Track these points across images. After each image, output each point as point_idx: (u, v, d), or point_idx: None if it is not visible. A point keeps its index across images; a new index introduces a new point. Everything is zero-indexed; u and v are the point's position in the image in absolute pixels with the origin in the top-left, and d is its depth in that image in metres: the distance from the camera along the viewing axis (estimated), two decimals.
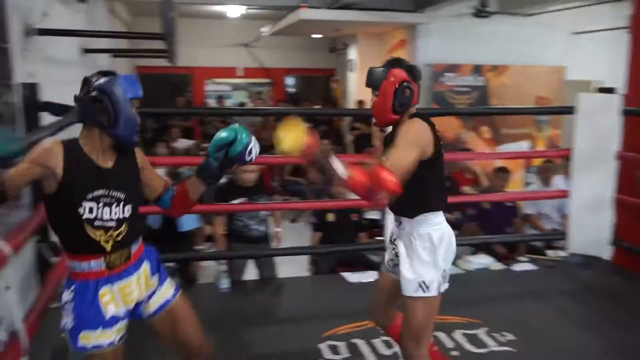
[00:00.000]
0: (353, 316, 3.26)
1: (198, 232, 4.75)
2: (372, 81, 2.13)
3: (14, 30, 3.17)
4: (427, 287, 2.10)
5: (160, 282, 2.00)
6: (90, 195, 1.76)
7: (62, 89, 4.26)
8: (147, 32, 5.11)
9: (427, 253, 2.13)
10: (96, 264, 1.79)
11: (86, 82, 1.79)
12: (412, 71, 2.14)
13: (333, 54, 12.62)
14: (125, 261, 1.85)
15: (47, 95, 3.57)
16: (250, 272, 4.14)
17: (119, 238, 1.82)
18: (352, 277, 4.00)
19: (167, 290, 2.00)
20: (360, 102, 9.60)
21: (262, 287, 3.92)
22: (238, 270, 3.98)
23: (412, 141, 2.03)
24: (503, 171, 5.13)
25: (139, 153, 1.97)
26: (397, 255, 2.23)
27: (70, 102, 3.28)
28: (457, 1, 7.27)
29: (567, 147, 4.34)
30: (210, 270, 4.68)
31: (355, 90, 10.54)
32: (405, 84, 2.09)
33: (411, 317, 2.15)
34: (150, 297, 1.95)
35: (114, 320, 1.81)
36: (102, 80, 1.76)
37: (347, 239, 4.46)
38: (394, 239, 2.29)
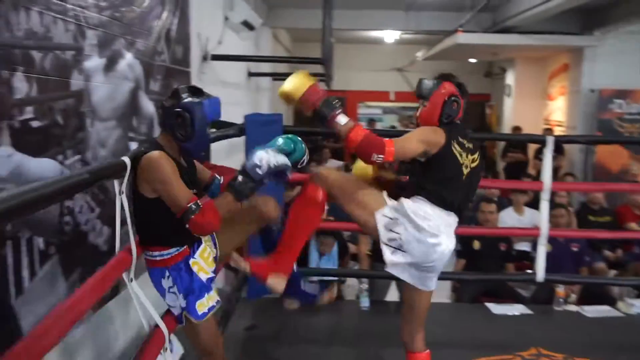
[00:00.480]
0: (496, 349, 3.13)
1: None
2: (422, 91, 2.24)
3: (195, 56, 3.57)
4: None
5: None
6: None
7: (229, 108, 4.70)
8: (307, 57, 5.43)
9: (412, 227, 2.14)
10: (181, 247, 1.97)
11: (175, 94, 1.88)
12: (462, 87, 2.27)
13: (488, 78, 12.28)
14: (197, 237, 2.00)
15: None
16: (393, 294, 4.15)
17: None
18: (496, 308, 3.84)
19: None
20: (517, 128, 9.20)
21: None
22: (380, 290, 4.02)
23: (423, 139, 2.13)
24: None
25: None
26: None
27: (236, 120, 3.63)
28: (632, 22, 6.70)
29: None
30: (353, 289, 4.78)
31: (511, 115, 10.14)
32: (453, 97, 2.19)
33: (414, 306, 2.36)
34: None
35: (210, 281, 2.00)
36: (189, 99, 1.85)
37: (493, 269, 4.29)
38: None
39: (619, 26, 6.99)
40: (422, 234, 2.13)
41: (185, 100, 1.85)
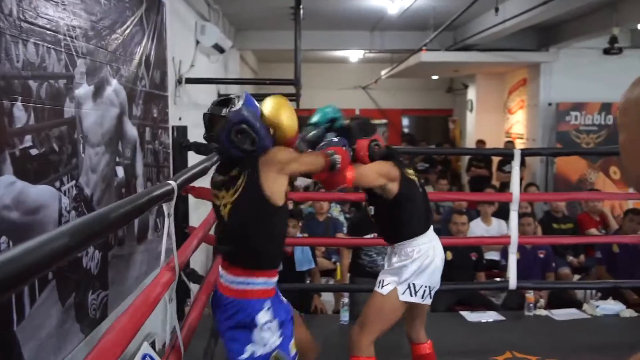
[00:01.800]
0: (473, 355, 3.26)
1: (314, 272, 4.90)
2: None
3: (171, 80, 3.64)
4: (382, 287, 2.42)
5: None
6: None
7: (201, 130, 4.77)
8: (279, 79, 5.55)
9: (397, 261, 2.43)
10: (275, 278, 1.96)
11: (218, 117, 1.87)
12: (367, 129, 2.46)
13: (450, 94, 12.64)
14: None
15: (189, 136, 4.02)
16: None
17: None
18: (470, 316, 3.98)
19: None
20: (481, 142, 9.50)
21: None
22: (361, 304, 4.10)
23: (382, 172, 2.36)
24: (634, 213, 4.86)
25: None
26: None
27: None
28: (585, 38, 7.07)
29: None
30: (331, 305, 4.85)
31: (474, 129, 10.46)
32: (373, 144, 2.39)
33: (366, 306, 2.50)
34: None
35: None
36: (233, 110, 1.85)
37: (465, 278, 4.44)
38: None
39: (572, 42, 7.36)
40: (430, 266, 2.44)
41: (233, 111, 1.84)
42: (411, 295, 2.40)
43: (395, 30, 8.04)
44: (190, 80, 4.39)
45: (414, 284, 2.39)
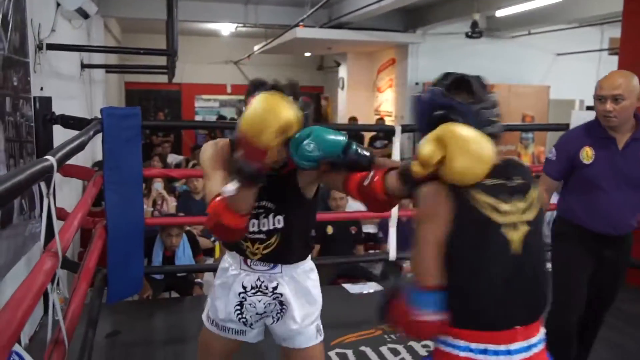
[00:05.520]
0: (359, 326, 3.34)
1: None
2: None
3: (32, 45, 3.25)
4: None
5: None
6: None
7: (65, 102, 4.35)
8: (153, 49, 5.22)
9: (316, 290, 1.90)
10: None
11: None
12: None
13: (321, 71, 12.81)
14: None
15: (54, 108, 3.64)
16: None
17: None
18: (352, 288, 4.09)
19: None
20: (353, 119, 9.77)
21: None
22: None
23: None
24: None
25: None
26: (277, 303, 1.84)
27: (73, 114, 3.38)
28: (448, 22, 7.50)
29: None
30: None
31: (345, 107, 10.72)
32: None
33: None
34: None
35: None
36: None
37: (345, 252, 4.56)
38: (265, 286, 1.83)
39: (438, 25, 7.79)
40: None
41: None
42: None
43: (270, 5, 7.93)
44: (52, 47, 3.96)
45: None
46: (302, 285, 1.85)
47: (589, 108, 8.14)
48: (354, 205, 5.43)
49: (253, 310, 1.84)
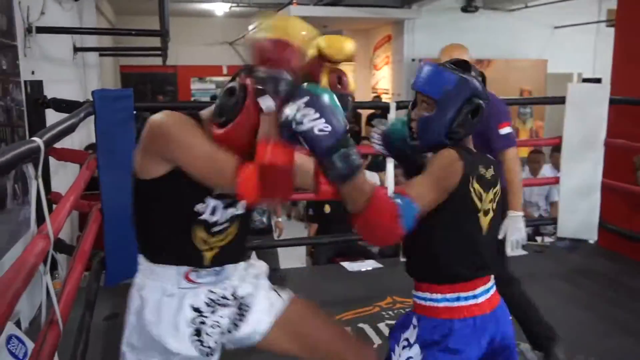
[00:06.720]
0: (357, 303, 3.36)
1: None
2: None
3: (19, 27, 3.21)
4: None
5: None
6: None
7: (58, 86, 4.31)
8: (145, 29, 5.15)
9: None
10: None
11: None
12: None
13: None
14: None
15: (46, 92, 3.61)
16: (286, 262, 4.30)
17: None
18: (351, 266, 4.10)
19: None
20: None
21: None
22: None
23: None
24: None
25: None
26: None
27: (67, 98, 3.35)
28: None
29: (554, 137, 4.50)
30: None
31: None
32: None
33: None
34: None
35: None
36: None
37: (342, 230, 4.55)
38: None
39: (433, 1, 7.70)
40: None
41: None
42: None
43: None
44: (41, 30, 3.91)
45: None
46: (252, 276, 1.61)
47: (586, 81, 8.11)
48: None
49: (217, 330, 1.46)
